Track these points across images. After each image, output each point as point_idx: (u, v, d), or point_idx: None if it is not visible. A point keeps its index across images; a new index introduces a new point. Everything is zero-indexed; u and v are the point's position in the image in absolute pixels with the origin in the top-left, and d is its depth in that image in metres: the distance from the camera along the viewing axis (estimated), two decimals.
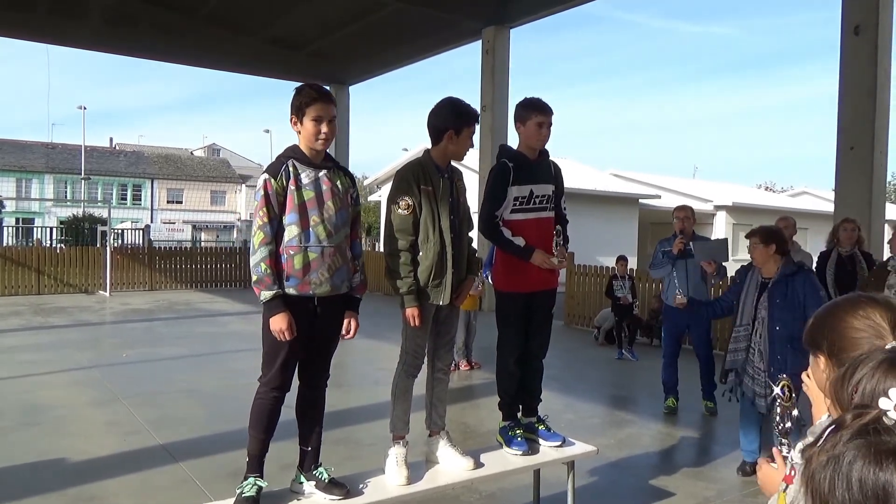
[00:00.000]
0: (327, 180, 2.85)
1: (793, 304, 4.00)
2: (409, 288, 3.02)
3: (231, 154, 54.77)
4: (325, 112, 2.78)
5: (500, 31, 12.32)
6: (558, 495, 3.67)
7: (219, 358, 8.10)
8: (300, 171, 2.79)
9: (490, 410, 4.33)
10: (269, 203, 2.73)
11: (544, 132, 3.39)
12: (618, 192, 21.51)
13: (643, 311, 9.60)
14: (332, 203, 2.83)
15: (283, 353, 2.76)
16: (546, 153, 3.51)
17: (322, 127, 2.78)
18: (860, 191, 7.48)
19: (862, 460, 0.87)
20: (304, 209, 2.76)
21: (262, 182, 2.76)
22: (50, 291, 14.97)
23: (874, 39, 7.36)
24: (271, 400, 2.81)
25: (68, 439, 4.88)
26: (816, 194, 32.71)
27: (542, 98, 3.46)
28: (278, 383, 2.80)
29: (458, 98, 3.19)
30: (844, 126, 7.62)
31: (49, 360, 7.64)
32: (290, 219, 2.75)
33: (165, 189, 46.05)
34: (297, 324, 2.75)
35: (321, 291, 2.79)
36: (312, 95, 2.79)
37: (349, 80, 16.92)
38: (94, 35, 13.36)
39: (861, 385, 1.01)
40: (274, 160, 2.86)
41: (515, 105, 3.47)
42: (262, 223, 2.72)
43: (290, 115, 2.85)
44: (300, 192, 2.76)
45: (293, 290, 2.75)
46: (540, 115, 3.36)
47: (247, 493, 2.70)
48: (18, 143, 42.46)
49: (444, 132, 3.10)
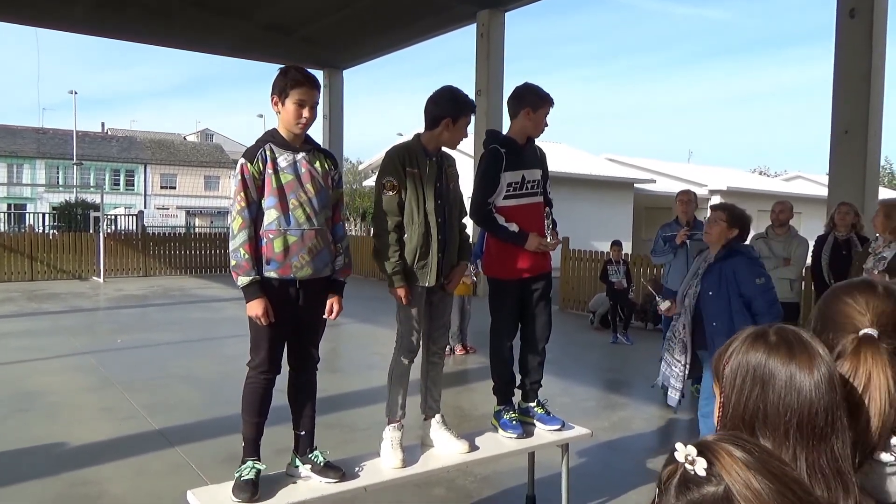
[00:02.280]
0: (306, 163, 2.83)
1: (724, 293, 3.55)
2: (395, 268, 3.04)
3: (224, 139, 54.48)
4: (309, 97, 2.76)
5: (495, 14, 12.24)
6: (552, 477, 3.70)
7: (213, 343, 8.10)
8: (277, 155, 2.78)
9: (484, 394, 4.35)
10: (247, 187, 2.72)
11: (546, 123, 3.47)
12: (613, 176, 21.50)
13: (638, 296, 9.63)
14: (311, 186, 2.81)
15: (267, 336, 2.78)
16: (534, 137, 3.52)
17: (304, 111, 2.76)
18: (854, 175, 7.49)
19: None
20: (283, 192, 2.75)
21: (240, 166, 2.76)
22: (43, 277, 14.90)
23: (869, 23, 7.34)
24: (262, 382, 2.82)
25: (63, 425, 4.88)
26: (810, 178, 32.77)
27: (534, 83, 3.47)
28: (267, 366, 2.81)
29: (458, 88, 3.22)
30: (839, 110, 7.62)
31: (43, 346, 7.62)
32: (268, 202, 2.74)
33: (159, 174, 45.78)
34: (281, 307, 2.76)
35: (302, 275, 2.79)
36: (298, 78, 2.76)
37: (343, 64, 16.79)
38: (83, 18, 13.19)
39: (731, 358, 1.15)
40: (252, 144, 2.86)
41: (524, 89, 3.42)
42: (241, 208, 2.72)
43: (271, 94, 2.82)
44: (277, 176, 2.75)
45: (274, 273, 2.75)
46: (550, 106, 3.42)
47: (246, 476, 2.70)
48: (9, 128, 42.05)
49: (441, 120, 3.11)
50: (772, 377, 1.09)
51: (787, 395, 1.08)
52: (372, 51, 15.76)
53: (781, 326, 1.17)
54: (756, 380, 1.10)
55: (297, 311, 2.84)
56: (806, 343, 1.12)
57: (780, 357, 1.10)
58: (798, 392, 1.08)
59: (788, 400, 1.08)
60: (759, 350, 1.12)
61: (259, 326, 2.76)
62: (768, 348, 1.11)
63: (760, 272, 3.60)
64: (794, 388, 1.08)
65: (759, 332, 1.15)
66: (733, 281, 3.55)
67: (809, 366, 1.09)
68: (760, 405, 1.10)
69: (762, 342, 1.13)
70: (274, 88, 2.80)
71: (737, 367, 1.13)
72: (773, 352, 1.11)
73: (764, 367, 1.10)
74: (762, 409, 1.09)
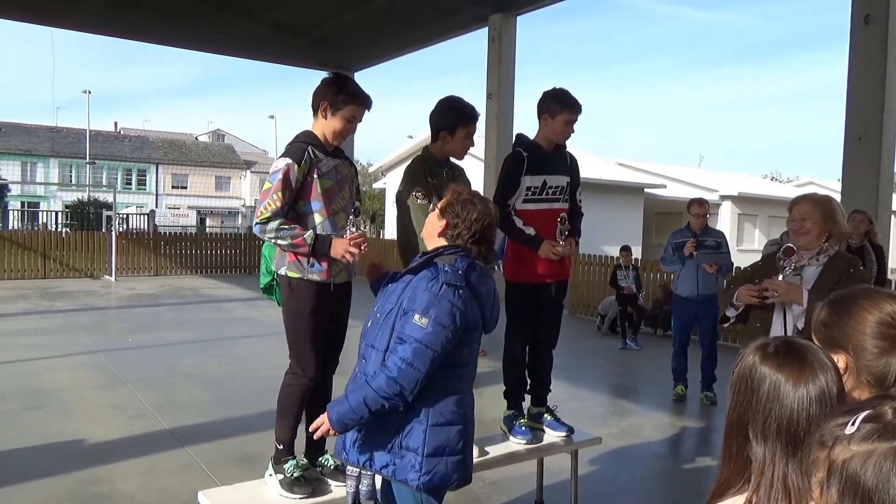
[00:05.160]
0: (342, 169, 2.86)
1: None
2: None
3: (236, 140, 54.72)
4: (360, 115, 2.79)
5: (507, 18, 12.23)
6: (561, 483, 3.69)
7: (224, 343, 8.12)
8: (320, 160, 2.76)
9: (494, 399, 4.34)
10: (289, 188, 2.66)
11: (570, 130, 3.36)
12: (623, 181, 21.43)
13: (647, 301, 9.59)
14: (346, 192, 2.84)
15: (311, 340, 2.77)
16: (563, 144, 3.50)
17: (351, 127, 2.78)
18: (867, 182, 7.43)
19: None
20: (327, 197, 2.74)
21: (285, 166, 2.67)
22: (56, 276, 15.02)
23: (885, 29, 7.28)
24: (305, 387, 2.82)
25: (74, 423, 4.92)
26: (822, 184, 32.54)
27: (563, 88, 3.39)
28: (313, 373, 2.81)
29: (457, 98, 3.17)
30: (852, 117, 7.56)
31: (55, 344, 7.68)
32: (314, 206, 2.73)
33: (170, 174, 46.07)
34: (322, 311, 2.77)
35: (340, 279, 2.83)
36: (356, 95, 2.75)
37: (354, 66, 16.80)
38: (96, 18, 13.28)
39: (738, 365, 1.24)
40: (292, 144, 2.78)
41: (545, 95, 3.37)
42: (276, 207, 2.64)
43: (321, 98, 2.75)
44: (322, 180, 2.74)
45: (317, 276, 2.75)
46: (569, 113, 3.31)
47: (296, 474, 2.72)
48: (23, 126, 42.45)
49: (439, 132, 3.12)
50: (759, 382, 1.17)
51: (769, 402, 1.15)
52: (383, 53, 15.77)
53: (787, 339, 1.24)
54: (748, 385, 1.19)
55: (333, 314, 2.86)
56: (804, 358, 1.17)
57: (770, 365, 1.17)
58: (780, 401, 1.14)
59: (770, 407, 1.15)
60: (757, 358, 1.20)
61: (300, 329, 2.76)
62: (764, 357, 1.19)
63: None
64: (777, 397, 1.15)
65: (764, 342, 1.23)
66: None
67: (797, 379, 1.15)
68: (749, 409, 1.18)
69: (761, 350, 1.21)
70: (325, 94, 2.75)
71: (738, 373, 1.22)
72: (765, 359, 1.19)
73: (755, 373, 1.19)
74: (751, 413, 1.18)
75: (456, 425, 2.10)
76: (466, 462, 2.15)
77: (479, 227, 2.15)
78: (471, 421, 2.20)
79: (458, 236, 2.15)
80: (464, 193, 2.22)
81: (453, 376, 2.11)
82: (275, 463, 2.81)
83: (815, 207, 2.81)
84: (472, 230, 2.14)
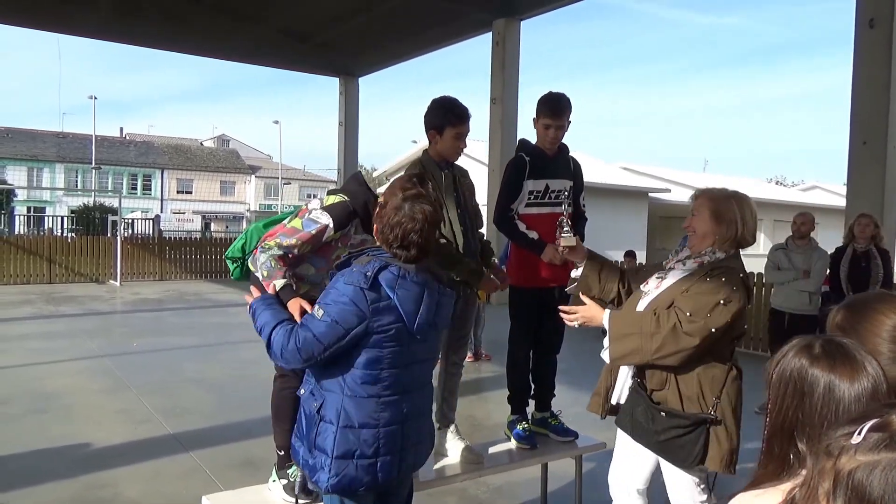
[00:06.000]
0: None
1: None
2: (474, 266, 3.10)
3: (240, 145, 54.87)
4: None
5: (511, 23, 12.25)
6: (566, 488, 3.68)
7: (228, 348, 8.14)
8: (355, 232, 2.74)
9: (498, 403, 4.33)
10: (313, 244, 2.61)
11: (550, 133, 3.31)
12: (627, 185, 21.41)
13: None
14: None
15: None
16: (565, 148, 3.48)
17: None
18: (873, 186, 7.41)
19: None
20: (330, 261, 2.70)
21: (323, 226, 2.58)
22: (61, 280, 15.07)
23: (889, 33, 7.27)
24: (294, 390, 2.79)
25: (79, 427, 4.93)
26: (828, 189, 32.44)
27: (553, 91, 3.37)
28: (300, 372, 2.79)
29: (450, 97, 3.12)
30: (858, 120, 7.54)
31: (60, 349, 7.71)
32: (316, 261, 2.73)
33: (175, 179, 46.21)
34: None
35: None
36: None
37: (359, 71, 16.86)
38: (102, 24, 13.37)
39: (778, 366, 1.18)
40: (346, 202, 2.65)
41: (538, 99, 3.36)
42: (289, 245, 2.55)
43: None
44: (341, 249, 2.73)
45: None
46: (547, 118, 3.28)
47: (299, 479, 2.70)
48: (29, 131, 42.68)
49: (428, 132, 3.10)
50: (811, 386, 1.12)
51: (825, 405, 1.10)
52: (388, 58, 15.82)
53: (830, 338, 1.19)
54: (797, 388, 1.14)
55: None
56: (851, 355, 1.13)
57: (821, 366, 1.12)
58: (837, 402, 1.09)
59: (825, 410, 1.10)
60: (803, 359, 1.15)
61: None
62: (811, 358, 1.14)
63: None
64: (832, 398, 1.10)
65: (807, 343, 1.18)
66: None
67: (851, 376, 1.10)
68: (800, 413, 1.13)
69: (806, 352, 1.15)
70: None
71: (781, 375, 1.17)
72: (815, 361, 1.13)
73: (805, 376, 1.13)
74: (801, 416, 1.13)
75: (368, 428, 2.06)
76: (382, 466, 2.09)
77: (402, 232, 2.07)
78: (395, 423, 2.10)
79: (385, 241, 2.12)
80: (396, 197, 2.13)
81: (368, 378, 2.06)
82: (278, 469, 2.81)
83: (706, 203, 2.39)
84: (394, 233, 2.08)
